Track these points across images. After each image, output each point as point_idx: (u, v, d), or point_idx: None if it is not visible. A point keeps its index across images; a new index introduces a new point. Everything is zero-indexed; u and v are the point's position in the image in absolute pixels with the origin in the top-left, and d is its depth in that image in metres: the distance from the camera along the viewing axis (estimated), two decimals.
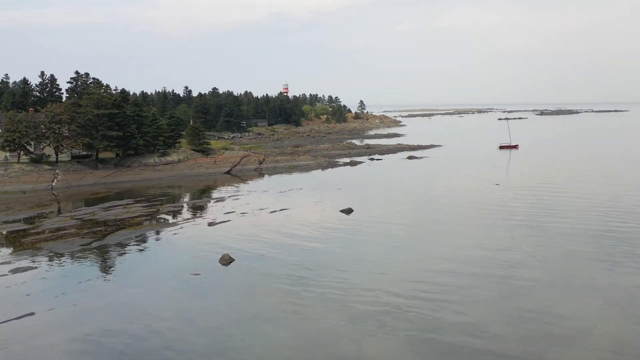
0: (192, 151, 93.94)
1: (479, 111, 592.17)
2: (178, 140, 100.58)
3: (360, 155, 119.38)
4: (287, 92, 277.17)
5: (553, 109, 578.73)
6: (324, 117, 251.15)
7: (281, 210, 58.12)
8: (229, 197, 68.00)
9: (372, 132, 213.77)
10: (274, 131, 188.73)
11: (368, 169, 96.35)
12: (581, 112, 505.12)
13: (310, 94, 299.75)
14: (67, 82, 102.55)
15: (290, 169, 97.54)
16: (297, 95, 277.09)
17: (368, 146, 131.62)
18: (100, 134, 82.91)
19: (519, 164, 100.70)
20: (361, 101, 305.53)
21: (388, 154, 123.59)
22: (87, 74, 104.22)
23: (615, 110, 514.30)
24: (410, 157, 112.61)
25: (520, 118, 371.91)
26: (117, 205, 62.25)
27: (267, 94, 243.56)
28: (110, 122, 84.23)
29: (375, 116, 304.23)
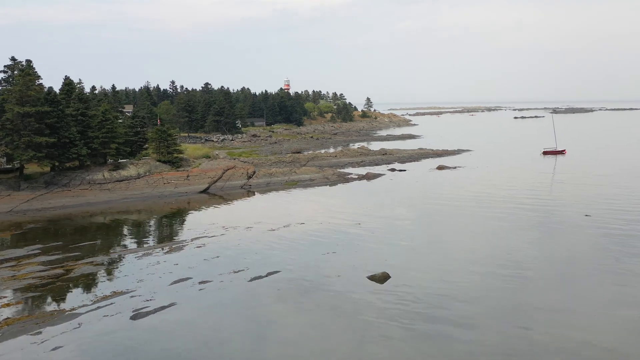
0: (158, 162, 70.49)
1: (488, 109, 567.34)
2: (145, 147, 77.25)
3: (376, 164, 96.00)
4: (288, 89, 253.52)
5: (564, 107, 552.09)
6: (328, 116, 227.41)
7: (268, 275, 34.71)
8: (193, 239, 44.56)
9: (382, 133, 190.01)
10: (272, 131, 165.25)
11: (391, 186, 72.82)
12: (595, 110, 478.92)
13: (314, 91, 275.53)
14: (0, 72, 78.87)
15: (288, 185, 74.14)
16: (299, 92, 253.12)
17: (384, 152, 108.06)
18: (23, 141, 59.64)
19: (582, 177, 77.16)
20: (368, 98, 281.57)
21: (410, 161, 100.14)
22: (28, 61, 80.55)
23: (631, 109, 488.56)
24: (440, 167, 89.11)
25: (536, 117, 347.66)
26: (7, 260, 38.88)
27: (266, 91, 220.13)
28: (40, 123, 60.98)
29: (383, 114, 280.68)
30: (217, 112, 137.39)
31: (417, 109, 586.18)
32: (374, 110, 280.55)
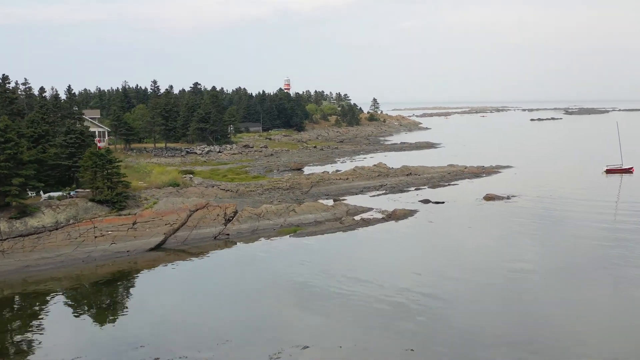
0: (91, 203, 47.65)
1: (497, 110, 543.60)
2: (81, 175, 54.20)
3: (401, 190, 73.19)
4: (288, 89, 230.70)
5: (576, 108, 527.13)
6: (332, 119, 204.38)
7: None
8: None
9: (395, 139, 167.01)
10: (269, 139, 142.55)
11: (433, 235, 50.06)
12: (609, 110, 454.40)
13: (316, 91, 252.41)
14: None
15: (284, 232, 51.32)
16: (300, 93, 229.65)
17: (408, 171, 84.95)
18: None
19: None
20: (374, 99, 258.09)
21: (443, 185, 77.39)
22: None
23: None
24: (489, 198, 66.40)
25: (552, 118, 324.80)
26: None
27: (263, 91, 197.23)
28: None
29: (392, 117, 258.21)
30: (201, 118, 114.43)
31: (423, 109, 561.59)
32: (381, 112, 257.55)
